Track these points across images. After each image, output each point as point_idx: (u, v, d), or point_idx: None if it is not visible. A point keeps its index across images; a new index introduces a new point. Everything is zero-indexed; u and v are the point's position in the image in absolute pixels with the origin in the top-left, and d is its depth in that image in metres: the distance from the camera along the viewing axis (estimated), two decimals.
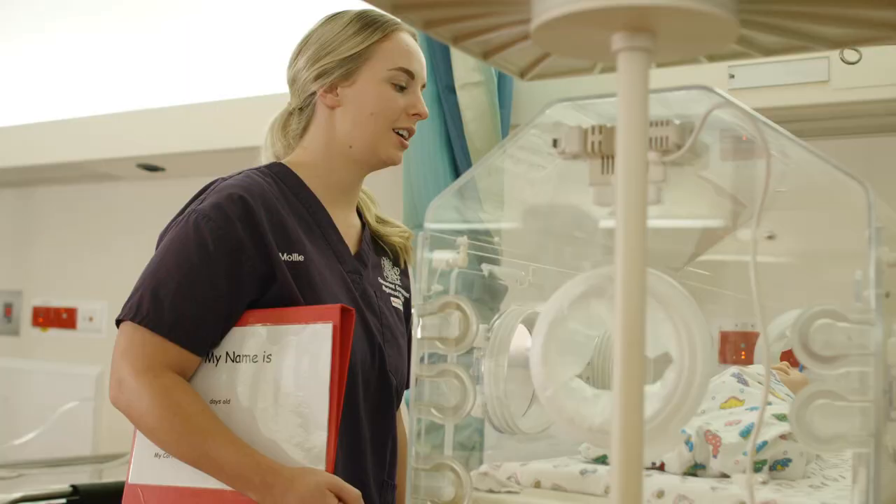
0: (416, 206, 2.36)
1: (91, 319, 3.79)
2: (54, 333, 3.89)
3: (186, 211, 1.49)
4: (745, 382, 1.39)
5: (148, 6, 3.52)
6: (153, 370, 1.39)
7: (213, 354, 1.44)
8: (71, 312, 3.84)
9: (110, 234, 3.78)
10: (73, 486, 2.46)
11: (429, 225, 1.16)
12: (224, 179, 1.54)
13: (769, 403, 1.32)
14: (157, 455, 1.42)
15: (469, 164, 2.34)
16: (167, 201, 3.59)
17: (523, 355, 1.41)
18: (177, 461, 1.39)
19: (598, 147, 0.97)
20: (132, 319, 1.41)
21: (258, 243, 1.44)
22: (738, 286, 2.24)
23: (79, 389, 3.62)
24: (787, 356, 1.76)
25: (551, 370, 0.96)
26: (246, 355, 1.42)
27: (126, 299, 1.45)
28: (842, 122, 2.25)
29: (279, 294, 1.44)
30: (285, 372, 1.39)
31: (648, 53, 0.80)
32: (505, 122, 2.43)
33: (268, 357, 1.41)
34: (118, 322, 1.45)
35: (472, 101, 2.33)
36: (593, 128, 0.98)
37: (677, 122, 0.95)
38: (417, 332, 1.11)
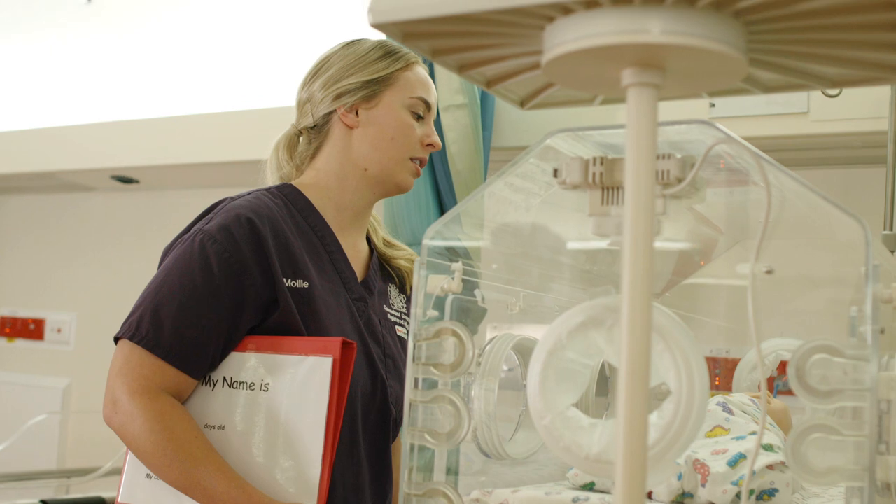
0: (396, 227, 2.36)
1: (59, 331, 3.73)
2: (21, 344, 3.83)
3: (192, 230, 1.46)
4: (729, 411, 1.40)
5: (126, 17, 3.50)
6: (149, 392, 1.37)
7: (209, 378, 1.42)
8: (39, 323, 3.79)
9: (81, 246, 3.74)
10: (42, 501, 2.43)
11: (428, 242, 1.16)
12: (233, 199, 1.51)
13: (753, 433, 1.33)
14: (148, 476, 1.40)
15: (450, 185, 2.35)
16: (140, 213, 3.60)
17: (510, 380, 1.42)
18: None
19: (600, 178, 0.98)
20: (131, 339, 1.39)
21: (263, 268, 1.42)
22: (712, 312, 2.27)
23: (46, 402, 3.56)
24: (773, 384, 1.78)
25: (548, 399, 0.97)
26: (243, 382, 1.40)
27: (126, 316, 1.42)
28: (819, 153, 2.29)
29: (281, 321, 1.42)
30: (282, 403, 1.37)
31: (657, 89, 0.81)
32: (486, 144, 2.44)
33: (265, 386, 1.39)
34: (116, 339, 1.42)
35: (455, 122, 2.34)
36: (595, 159, 0.99)
37: (679, 155, 0.96)
38: (412, 357, 1.11)
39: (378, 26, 0.84)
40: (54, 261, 3.80)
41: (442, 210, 2.36)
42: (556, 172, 1.01)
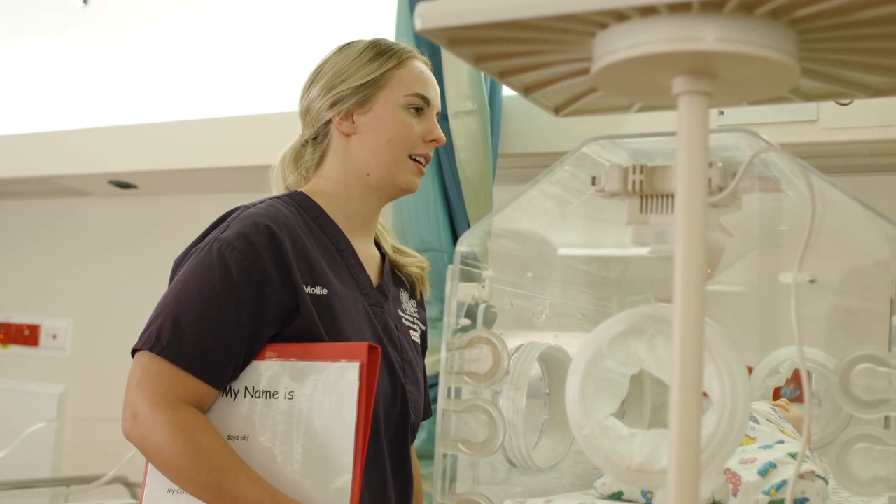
0: (404, 234, 2.35)
1: (55, 337, 3.70)
2: (15, 350, 3.80)
3: (208, 238, 1.44)
4: (755, 420, 1.40)
5: (124, 21, 3.49)
6: (171, 403, 1.34)
7: (230, 388, 1.40)
8: (34, 329, 3.76)
9: (78, 251, 3.71)
10: None
11: (461, 248, 1.14)
12: (247, 207, 1.49)
13: (780, 442, 1.33)
14: (170, 490, 1.37)
15: (459, 192, 2.34)
16: (138, 219, 3.57)
17: (532, 388, 1.41)
18: (190, 497, 1.35)
19: (640, 186, 0.98)
20: (151, 350, 1.36)
21: (283, 275, 1.40)
22: (719, 319, 2.26)
23: (41, 409, 3.53)
24: (780, 392, 1.78)
25: (588, 408, 0.96)
26: (266, 391, 1.38)
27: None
28: (827, 161, 2.29)
29: (302, 328, 1.40)
30: (309, 411, 1.35)
31: (708, 97, 0.81)
32: (494, 150, 2.44)
33: (290, 394, 1.36)
34: (134, 351, 1.40)
35: (465, 129, 2.33)
36: (634, 167, 0.98)
37: (720, 164, 0.96)
38: (445, 366, 1.10)
39: (425, 32, 0.83)
40: (50, 266, 3.77)
41: (451, 217, 2.35)
42: (594, 180, 1.00)
